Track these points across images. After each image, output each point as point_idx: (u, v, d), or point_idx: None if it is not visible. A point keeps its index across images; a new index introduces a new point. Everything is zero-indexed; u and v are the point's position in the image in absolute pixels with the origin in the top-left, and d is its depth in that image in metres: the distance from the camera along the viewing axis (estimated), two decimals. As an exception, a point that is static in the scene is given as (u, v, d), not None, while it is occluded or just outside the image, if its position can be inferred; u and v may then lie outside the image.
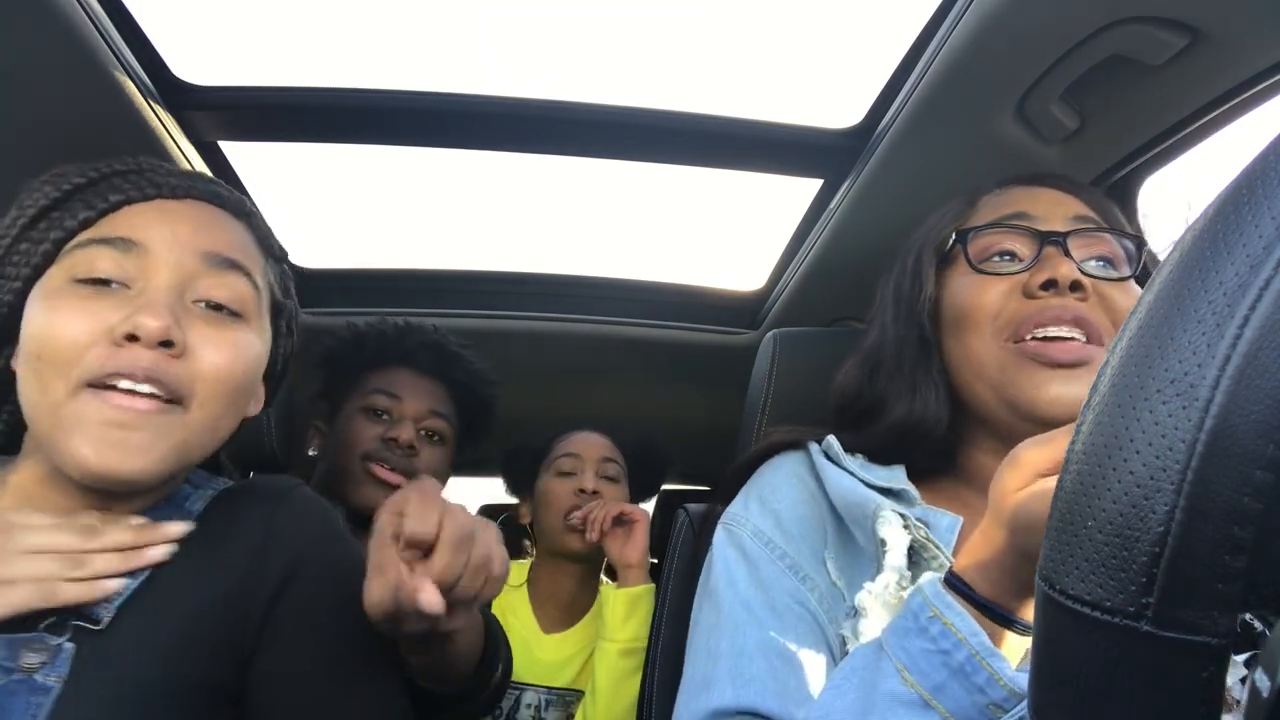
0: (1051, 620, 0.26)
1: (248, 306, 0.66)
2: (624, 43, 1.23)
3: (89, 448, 0.57)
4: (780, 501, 0.76)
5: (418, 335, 1.28)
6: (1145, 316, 0.25)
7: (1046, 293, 0.71)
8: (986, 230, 0.76)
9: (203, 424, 0.62)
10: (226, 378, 0.62)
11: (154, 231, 0.63)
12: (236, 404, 0.65)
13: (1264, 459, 0.22)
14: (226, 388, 0.63)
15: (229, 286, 0.64)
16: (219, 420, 0.64)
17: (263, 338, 0.68)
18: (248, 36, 1.19)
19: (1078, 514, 0.25)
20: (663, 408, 2.01)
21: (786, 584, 0.69)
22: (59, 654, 0.55)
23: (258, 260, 0.69)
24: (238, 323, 0.65)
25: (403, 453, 1.21)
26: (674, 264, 1.72)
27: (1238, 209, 0.24)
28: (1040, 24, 0.81)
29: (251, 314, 0.66)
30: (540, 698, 1.33)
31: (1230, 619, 0.23)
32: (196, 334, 0.61)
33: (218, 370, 0.62)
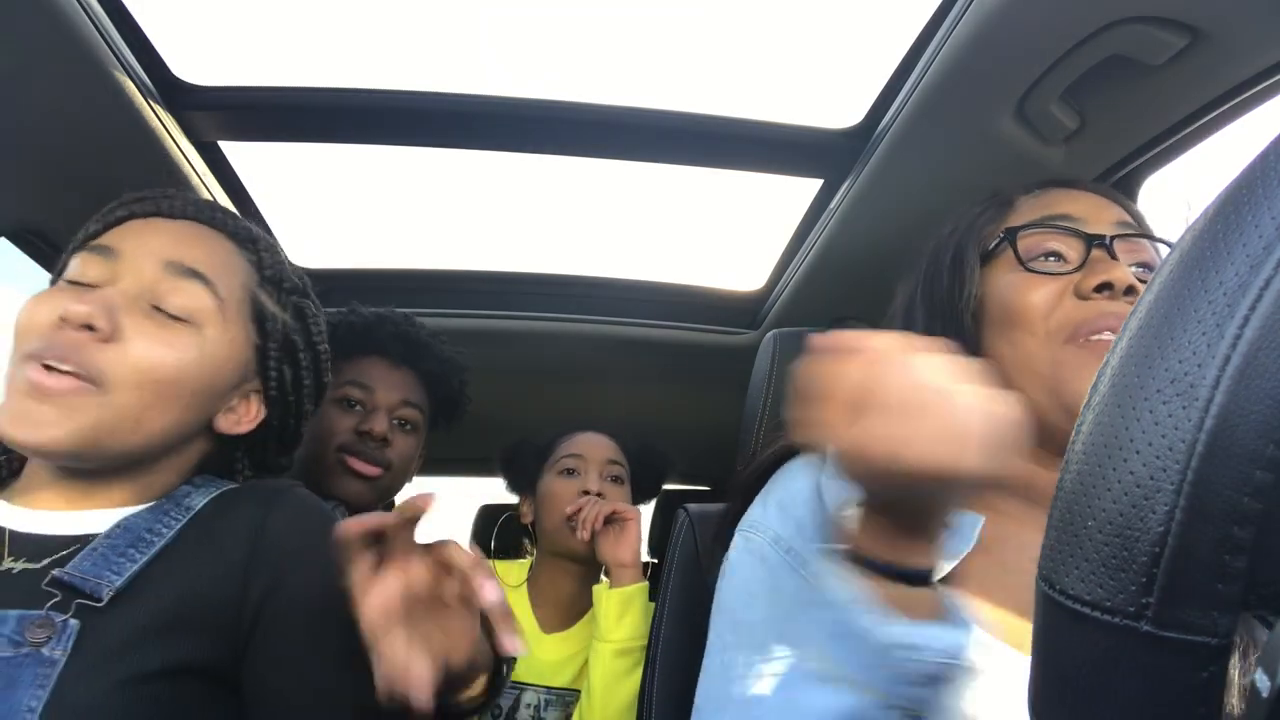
0: (1051, 620, 0.26)
1: (200, 314, 0.71)
2: (624, 43, 1.23)
3: (4, 416, 0.65)
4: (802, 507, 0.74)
5: (389, 325, 1.29)
6: (1145, 316, 0.25)
7: (1100, 295, 0.70)
8: (1034, 229, 0.76)
9: (122, 410, 0.66)
10: (150, 370, 0.67)
11: (131, 242, 0.71)
12: (167, 400, 0.69)
13: (1264, 459, 0.22)
14: (149, 379, 0.67)
15: (182, 292, 0.70)
16: (143, 411, 0.68)
17: (220, 348, 0.72)
18: (248, 36, 1.19)
19: (1077, 514, 0.25)
20: (663, 408, 2.01)
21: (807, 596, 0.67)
22: (64, 630, 0.60)
23: (234, 277, 0.74)
24: (183, 326, 0.70)
25: (376, 444, 1.23)
26: (674, 264, 1.72)
27: (1238, 209, 0.24)
28: (1040, 24, 0.81)
29: (206, 321, 0.71)
30: (540, 698, 1.33)
31: (1230, 619, 0.23)
32: (135, 327, 0.67)
33: (142, 361, 0.67)
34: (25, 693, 0.57)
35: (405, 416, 1.28)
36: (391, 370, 1.28)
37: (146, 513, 0.70)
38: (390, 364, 1.28)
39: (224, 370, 0.74)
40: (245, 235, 0.78)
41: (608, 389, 1.93)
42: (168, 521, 0.70)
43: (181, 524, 0.70)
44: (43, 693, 0.57)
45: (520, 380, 1.92)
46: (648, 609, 1.24)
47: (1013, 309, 0.74)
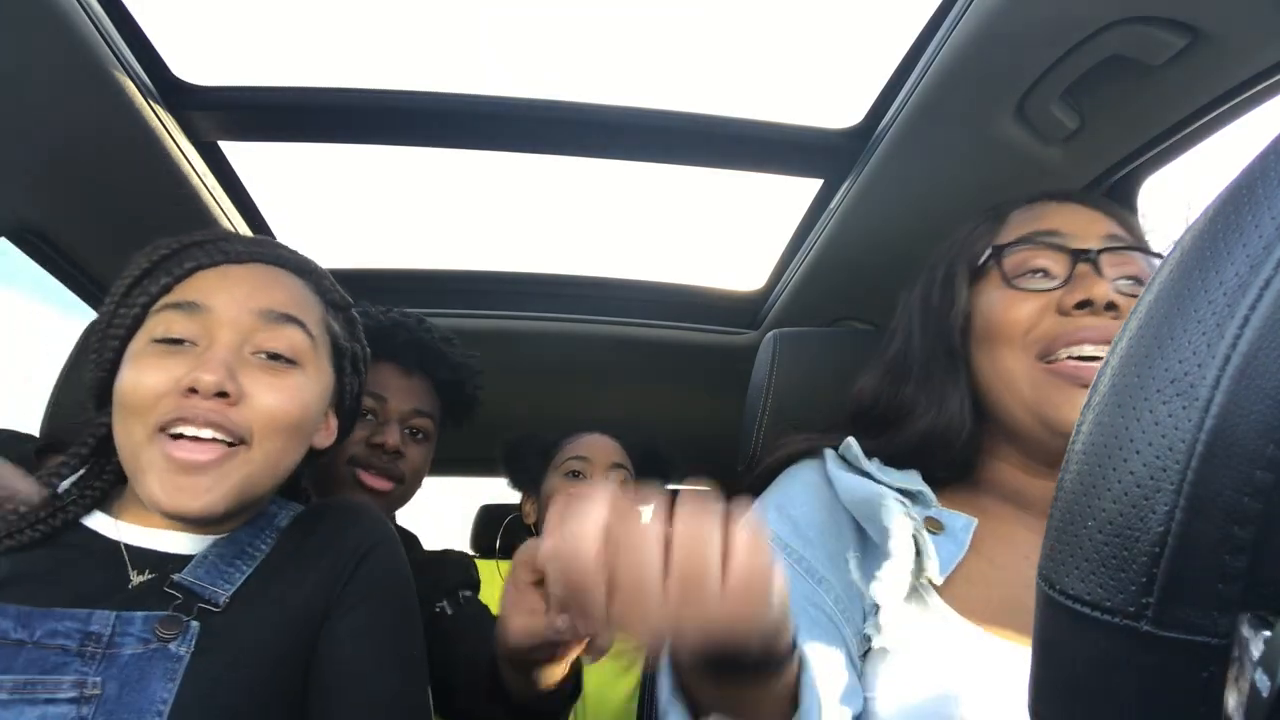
0: (1051, 620, 0.26)
1: (302, 354, 0.75)
2: (624, 43, 1.23)
3: (159, 489, 0.68)
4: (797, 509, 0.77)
5: (403, 332, 1.24)
6: (1145, 316, 0.25)
7: (1081, 311, 0.72)
8: (1020, 246, 0.77)
9: (264, 460, 0.72)
10: (282, 417, 0.72)
11: (217, 296, 0.73)
12: (295, 439, 0.75)
13: (1264, 459, 0.22)
14: (282, 426, 0.72)
15: (284, 338, 0.74)
16: (280, 455, 0.73)
17: (320, 379, 0.77)
18: (248, 36, 1.19)
19: (1078, 514, 0.25)
20: (663, 408, 2.01)
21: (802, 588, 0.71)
22: (188, 629, 0.67)
23: (314, 311, 0.79)
24: (292, 369, 0.74)
25: (389, 457, 1.19)
26: (674, 264, 1.72)
27: (1238, 209, 0.24)
28: (1040, 24, 0.81)
29: (307, 360, 0.75)
30: None
31: (1230, 619, 0.23)
32: (253, 381, 0.71)
33: (273, 411, 0.71)
34: (157, 685, 0.63)
35: (418, 426, 1.24)
36: (404, 378, 1.23)
37: (243, 530, 0.76)
38: (402, 371, 1.23)
39: (324, 398, 0.79)
40: (306, 267, 0.82)
41: (608, 389, 1.93)
42: (264, 538, 0.76)
43: (274, 540, 0.76)
44: (173, 685, 0.63)
45: (520, 380, 1.92)
46: None
47: (995, 325, 0.76)
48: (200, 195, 1.21)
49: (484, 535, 2.31)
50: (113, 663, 0.63)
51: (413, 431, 1.23)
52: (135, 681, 0.63)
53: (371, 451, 1.17)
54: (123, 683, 0.62)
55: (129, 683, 0.63)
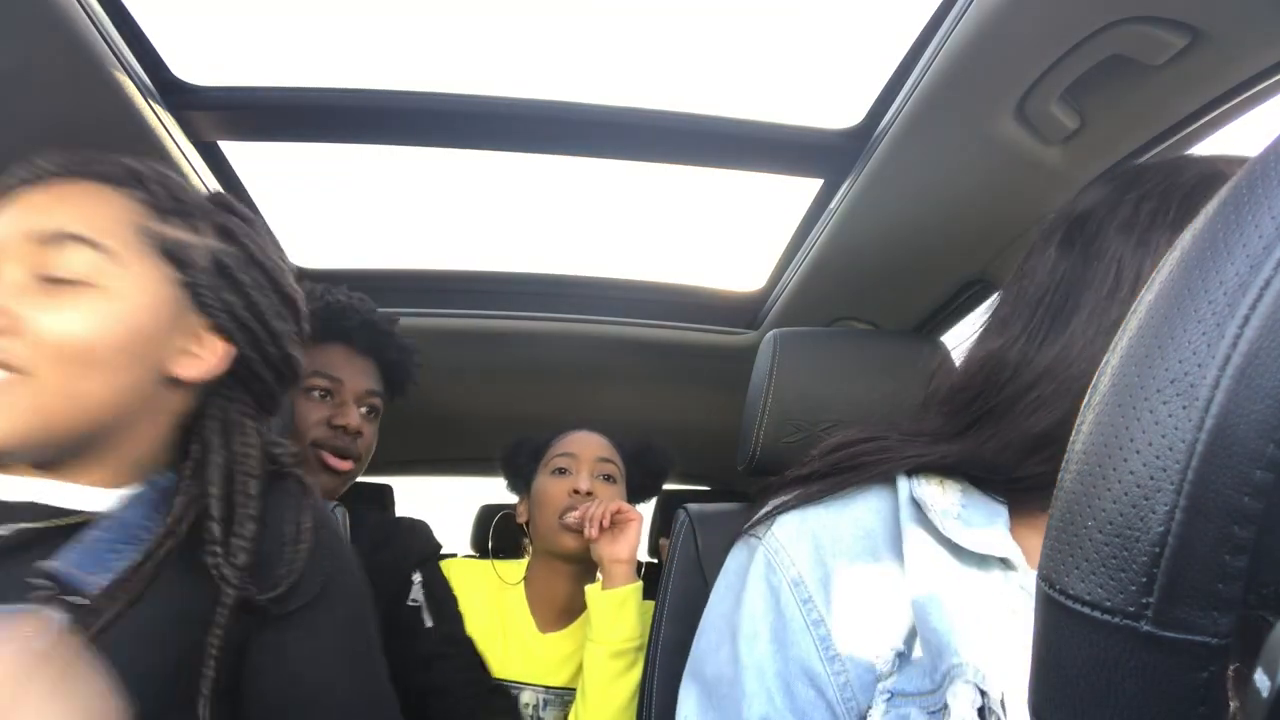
0: (1051, 620, 0.26)
1: (93, 273, 0.66)
2: (624, 43, 1.23)
3: None
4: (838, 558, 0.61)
5: (355, 315, 1.28)
6: (1145, 316, 0.25)
7: None
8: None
9: (57, 388, 0.63)
10: (61, 341, 0.63)
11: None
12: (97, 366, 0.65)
13: (1264, 459, 0.22)
14: (68, 351, 0.63)
15: (64, 259, 0.65)
16: (75, 384, 0.64)
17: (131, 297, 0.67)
18: (248, 36, 1.19)
19: (1077, 513, 0.25)
20: (663, 408, 2.01)
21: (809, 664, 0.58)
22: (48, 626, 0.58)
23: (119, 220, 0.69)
24: (81, 290, 0.65)
25: (350, 437, 1.23)
26: (674, 264, 1.72)
27: (1238, 209, 0.24)
28: (1040, 24, 0.81)
29: (103, 278, 0.66)
30: (538, 697, 1.33)
31: (1230, 619, 0.23)
32: (34, 307, 0.63)
33: (52, 335, 0.63)
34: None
35: (372, 404, 1.29)
36: (356, 358, 1.28)
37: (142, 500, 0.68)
38: (355, 352, 1.27)
39: (147, 315, 0.68)
40: (122, 174, 0.72)
41: (608, 389, 1.93)
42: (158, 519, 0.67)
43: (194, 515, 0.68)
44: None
45: (520, 380, 1.92)
46: (643, 608, 1.23)
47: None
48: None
49: (483, 535, 2.31)
50: None
51: (368, 410, 1.28)
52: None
53: (333, 433, 1.22)
54: None
55: None
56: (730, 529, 1.05)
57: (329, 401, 1.23)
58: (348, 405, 1.23)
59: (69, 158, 0.72)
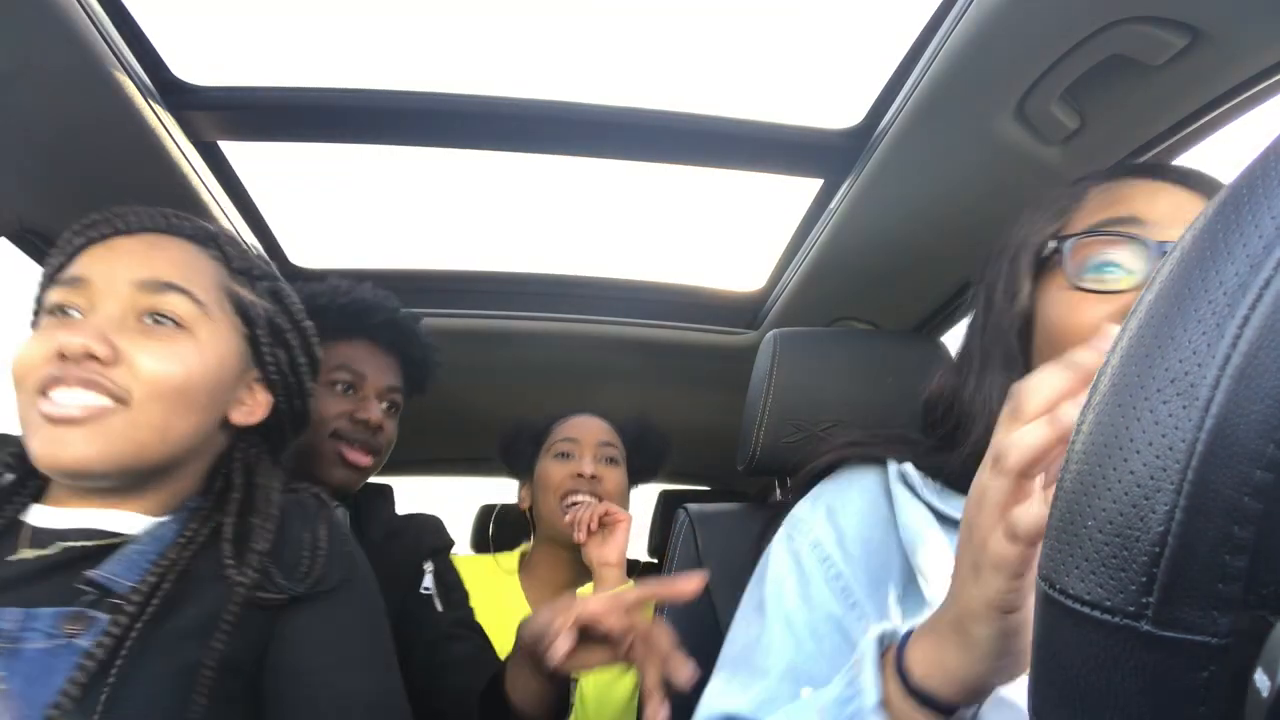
0: (1051, 620, 0.26)
1: (187, 319, 0.74)
2: (624, 43, 1.23)
3: (36, 443, 0.69)
4: (848, 518, 0.71)
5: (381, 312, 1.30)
6: (1145, 316, 0.25)
7: None
8: (1089, 236, 0.65)
9: (148, 421, 0.70)
10: (164, 378, 0.71)
11: (97, 268, 0.74)
12: (183, 404, 0.73)
13: (1264, 459, 0.22)
14: (165, 387, 0.71)
15: (164, 304, 0.73)
16: (166, 419, 0.72)
17: (214, 346, 0.76)
18: (248, 36, 1.19)
19: (1077, 513, 0.25)
20: (663, 408, 2.01)
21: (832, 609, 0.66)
22: (94, 623, 0.66)
23: (206, 277, 0.77)
24: (177, 333, 0.73)
25: (371, 431, 1.24)
26: (674, 264, 1.72)
27: (1238, 209, 0.24)
28: (1040, 24, 0.81)
29: (195, 325, 0.74)
30: None
31: (1230, 619, 0.23)
32: (134, 345, 0.71)
33: (153, 372, 0.71)
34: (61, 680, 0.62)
35: (394, 400, 1.31)
36: (380, 354, 1.29)
37: (175, 521, 0.75)
38: (378, 348, 1.29)
39: (225, 364, 0.77)
40: (204, 235, 0.80)
41: (608, 389, 1.93)
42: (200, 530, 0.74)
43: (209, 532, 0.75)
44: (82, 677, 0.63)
45: (520, 380, 1.92)
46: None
47: (1056, 334, 0.65)
48: (200, 195, 1.21)
49: (483, 534, 2.31)
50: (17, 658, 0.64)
51: (389, 406, 1.30)
52: (40, 676, 0.63)
53: (354, 426, 1.23)
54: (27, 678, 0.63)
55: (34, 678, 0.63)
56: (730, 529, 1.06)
57: (351, 396, 1.25)
58: (369, 400, 1.25)
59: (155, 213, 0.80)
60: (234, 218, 1.34)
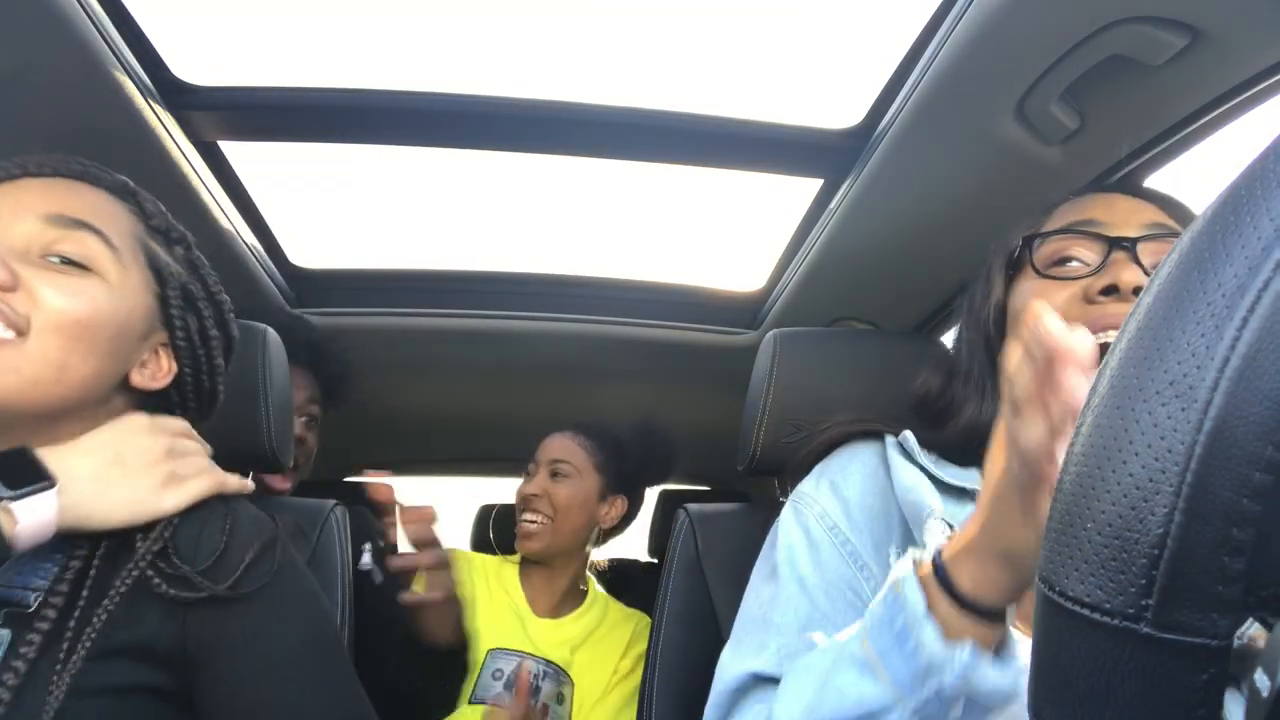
0: (1051, 622, 0.26)
1: (98, 261, 0.69)
2: (624, 43, 1.23)
3: None
4: (851, 489, 0.77)
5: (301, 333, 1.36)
6: (1144, 318, 0.25)
7: (1107, 298, 0.69)
8: (1054, 236, 0.76)
9: (43, 356, 0.65)
10: (67, 312, 0.66)
11: (5, 202, 0.69)
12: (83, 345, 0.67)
13: (1263, 461, 0.22)
14: (66, 319, 0.66)
15: (75, 241, 0.69)
16: (65, 355, 0.66)
17: (125, 296, 0.71)
18: (248, 36, 1.19)
19: (1077, 515, 0.25)
20: (663, 408, 2.01)
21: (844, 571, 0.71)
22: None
23: (123, 225, 0.73)
24: (84, 274, 0.68)
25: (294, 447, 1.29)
26: (674, 264, 1.72)
27: (1236, 210, 0.24)
28: (1040, 24, 0.81)
29: (105, 269, 0.70)
30: (540, 667, 1.40)
31: (1230, 621, 0.23)
32: (40, 279, 0.66)
33: (55, 303, 0.66)
34: None
35: (313, 414, 1.38)
36: (298, 374, 1.34)
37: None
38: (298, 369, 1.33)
39: (133, 316, 0.72)
40: (121, 187, 0.77)
41: (608, 389, 1.93)
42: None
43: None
44: None
45: (520, 380, 1.92)
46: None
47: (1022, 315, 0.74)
48: (200, 195, 1.21)
49: (484, 534, 2.32)
50: None
51: (309, 419, 1.38)
52: None
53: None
54: None
55: None
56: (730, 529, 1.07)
57: None
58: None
59: (72, 160, 0.76)
60: (234, 218, 1.34)
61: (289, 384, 1.10)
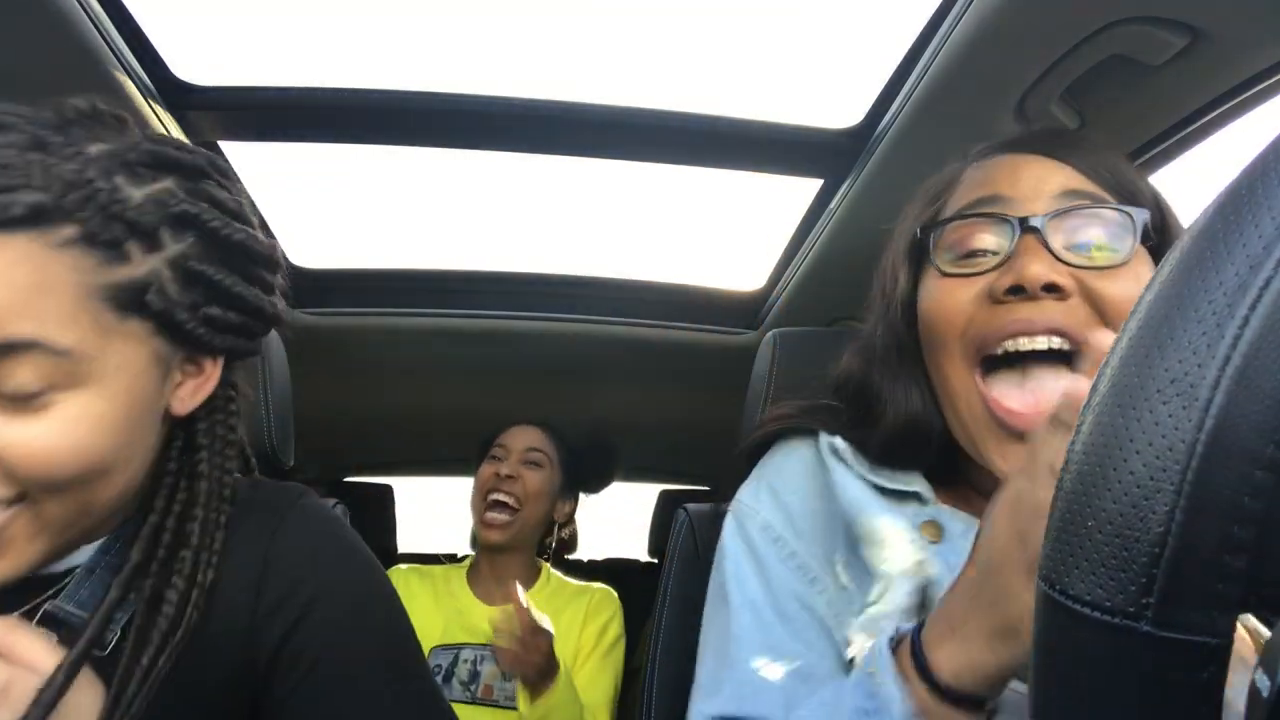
0: (1051, 620, 0.26)
1: (50, 378, 0.50)
2: (624, 43, 1.23)
3: None
4: (792, 494, 0.71)
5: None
6: (1145, 316, 0.25)
7: (1014, 298, 0.60)
8: (955, 223, 0.66)
9: (59, 511, 0.53)
10: (49, 467, 0.51)
11: None
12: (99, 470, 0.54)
13: (1264, 459, 0.22)
14: (59, 477, 0.52)
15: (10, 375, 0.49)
16: (82, 497, 0.54)
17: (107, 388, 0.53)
18: (248, 36, 1.19)
19: (1078, 514, 0.25)
20: (663, 408, 2.01)
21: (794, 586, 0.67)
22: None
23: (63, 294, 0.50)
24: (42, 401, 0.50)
25: None
26: (674, 264, 1.73)
27: (1237, 209, 0.24)
28: (1040, 24, 0.81)
29: (67, 379, 0.51)
30: (477, 654, 1.44)
31: (1230, 619, 0.23)
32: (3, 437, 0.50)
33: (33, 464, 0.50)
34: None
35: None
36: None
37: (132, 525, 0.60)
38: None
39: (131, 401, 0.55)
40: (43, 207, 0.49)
41: (608, 389, 1.93)
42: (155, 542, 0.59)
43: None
44: None
45: (520, 380, 1.92)
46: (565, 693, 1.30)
47: (930, 322, 0.66)
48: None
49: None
50: None
51: None
52: None
53: None
54: None
55: None
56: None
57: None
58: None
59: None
60: (234, 218, 1.34)
61: (289, 384, 1.10)
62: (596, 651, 1.44)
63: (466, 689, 1.42)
